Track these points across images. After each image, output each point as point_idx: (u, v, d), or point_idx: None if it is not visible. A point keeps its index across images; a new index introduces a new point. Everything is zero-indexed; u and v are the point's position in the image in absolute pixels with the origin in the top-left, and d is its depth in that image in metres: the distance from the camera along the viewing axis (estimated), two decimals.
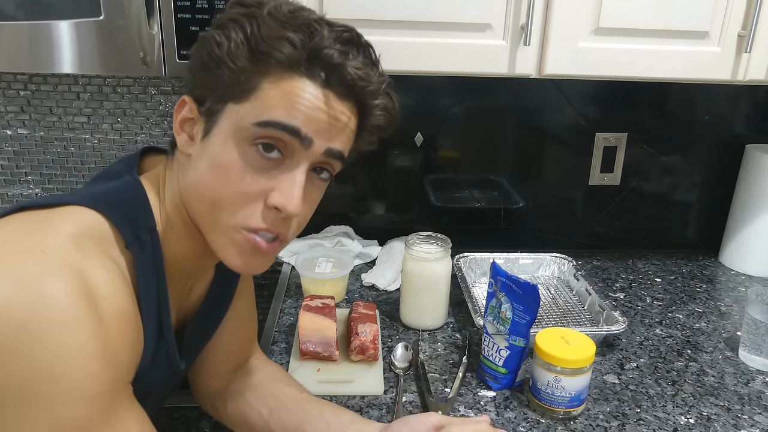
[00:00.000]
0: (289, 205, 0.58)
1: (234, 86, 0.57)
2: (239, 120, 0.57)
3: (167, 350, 0.64)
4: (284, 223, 0.61)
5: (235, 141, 0.58)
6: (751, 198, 1.34)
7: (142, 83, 1.28)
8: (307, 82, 0.57)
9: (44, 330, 0.47)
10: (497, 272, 0.92)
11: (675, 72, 1.04)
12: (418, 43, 0.99)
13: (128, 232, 0.58)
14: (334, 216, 1.43)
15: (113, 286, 0.53)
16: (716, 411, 0.90)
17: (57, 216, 0.55)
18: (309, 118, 0.57)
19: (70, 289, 0.49)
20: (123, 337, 0.54)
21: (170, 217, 0.63)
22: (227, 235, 0.60)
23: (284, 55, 0.56)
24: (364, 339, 0.95)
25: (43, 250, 0.50)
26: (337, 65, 0.57)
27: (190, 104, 0.61)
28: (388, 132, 0.66)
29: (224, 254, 0.61)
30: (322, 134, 0.59)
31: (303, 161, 0.59)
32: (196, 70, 0.61)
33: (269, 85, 0.57)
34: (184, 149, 0.61)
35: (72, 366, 0.48)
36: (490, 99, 1.36)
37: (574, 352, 0.85)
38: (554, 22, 0.99)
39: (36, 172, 1.34)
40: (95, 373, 0.50)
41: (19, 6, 0.87)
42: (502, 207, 1.45)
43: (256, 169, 0.58)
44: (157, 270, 0.61)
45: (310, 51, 0.56)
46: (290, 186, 0.58)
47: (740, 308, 1.22)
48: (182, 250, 0.65)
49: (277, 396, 0.77)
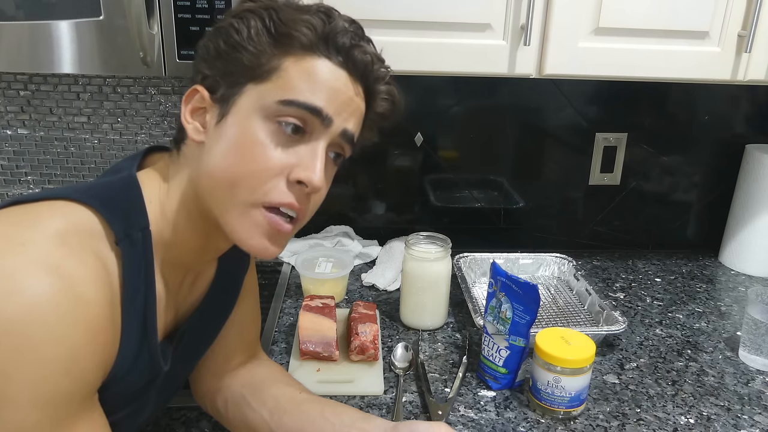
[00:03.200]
0: (315, 177, 0.59)
1: (254, 68, 0.59)
2: (261, 98, 0.59)
3: (150, 351, 0.62)
4: (306, 198, 0.61)
5: (257, 118, 0.59)
6: (751, 198, 1.34)
7: (142, 83, 1.28)
8: (327, 62, 0.60)
9: (7, 328, 0.46)
10: (497, 272, 0.92)
11: (675, 72, 1.04)
12: (418, 43, 0.99)
13: (119, 229, 0.57)
14: (334, 216, 1.43)
15: (94, 285, 0.52)
16: (716, 411, 0.90)
17: (45, 209, 0.54)
18: (330, 98, 0.60)
19: (43, 287, 0.47)
20: (93, 342, 0.51)
21: (172, 211, 0.63)
22: (245, 214, 0.59)
23: (305, 37, 0.58)
24: (364, 339, 0.95)
25: (23, 244, 0.49)
26: (353, 47, 0.60)
27: (202, 92, 0.61)
28: (390, 121, 0.68)
29: (240, 235, 0.60)
30: (340, 114, 0.61)
31: (322, 139, 0.61)
32: (208, 59, 0.61)
33: (291, 65, 0.59)
34: (195, 137, 0.61)
35: (27, 368, 0.47)
36: (490, 99, 1.36)
37: (574, 352, 0.85)
38: (554, 22, 0.99)
39: (36, 172, 1.34)
40: (51, 380, 0.48)
41: (19, 6, 0.87)
42: (502, 207, 1.45)
43: (278, 144, 0.59)
44: (146, 269, 0.60)
45: (329, 33, 0.59)
46: (313, 159, 0.60)
47: (740, 308, 1.22)
48: (182, 243, 0.64)
49: (278, 397, 0.77)
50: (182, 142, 0.64)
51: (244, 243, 0.61)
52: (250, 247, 0.61)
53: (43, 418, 0.49)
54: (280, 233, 0.61)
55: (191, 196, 0.63)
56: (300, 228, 0.65)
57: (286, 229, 0.61)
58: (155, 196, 0.63)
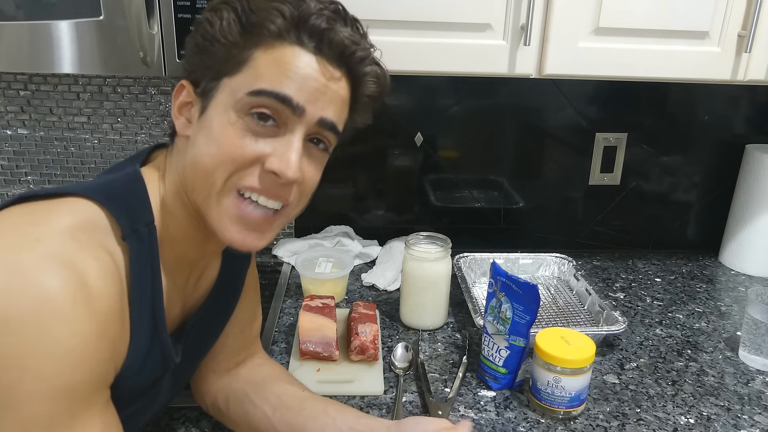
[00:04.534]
0: (288, 169, 0.58)
1: (227, 60, 0.58)
2: (234, 92, 0.58)
3: (161, 345, 0.63)
4: (284, 189, 0.61)
5: (232, 111, 0.58)
6: (751, 198, 1.34)
7: (142, 83, 1.28)
8: (297, 49, 0.58)
9: (22, 320, 0.47)
10: (497, 272, 0.92)
11: (675, 72, 1.04)
12: (418, 43, 0.99)
13: (126, 224, 0.58)
14: (334, 216, 1.43)
15: (104, 279, 0.53)
16: (716, 411, 0.90)
17: (56, 206, 0.55)
18: (300, 86, 0.58)
19: (57, 281, 0.49)
20: (105, 334, 0.52)
21: (171, 205, 0.63)
22: (219, 203, 0.60)
23: (274, 25, 0.57)
24: (364, 339, 0.95)
25: (37, 239, 0.50)
26: (325, 30, 0.58)
27: (188, 88, 0.62)
28: (380, 102, 0.66)
29: (220, 228, 0.61)
30: (314, 102, 0.59)
31: (297, 129, 0.59)
32: (191, 55, 0.62)
33: (260, 55, 0.58)
34: (182, 132, 0.62)
35: (41, 361, 0.48)
36: (490, 99, 1.36)
37: (574, 352, 0.85)
38: (554, 22, 0.99)
39: (36, 172, 1.34)
40: (65, 372, 0.49)
41: (19, 6, 0.87)
42: (502, 207, 1.45)
43: (253, 135, 0.58)
44: (152, 264, 0.60)
45: (299, 19, 0.57)
46: (286, 150, 0.59)
47: (740, 308, 1.22)
48: (184, 237, 0.65)
49: (280, 395, 0.77)
50: (175, 136, 0.65)
51: (222, 234, 0.61)
52: (228, 239, 0.61)
53: (58, 410, 0.49)
54: (254, 222, 0.60)
55: (182, 189, 0.63)
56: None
57: (256, 216, 0.60)
58: (156, 191, 0.63)
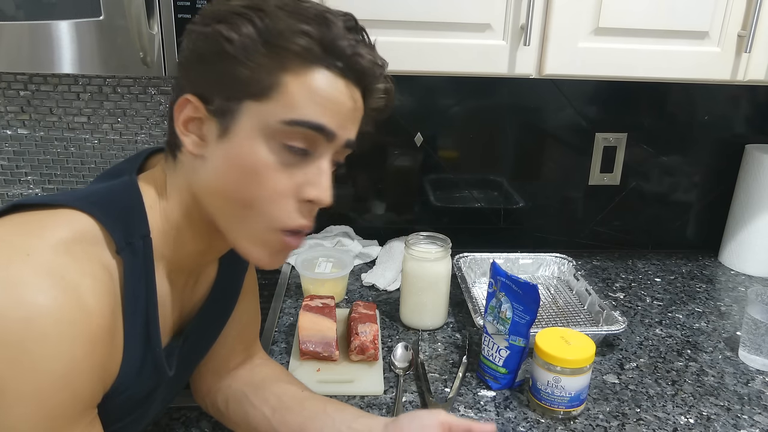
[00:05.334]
0: (325, 196, 0.59)
1: (250, 83, 0.56)
2: (264, 118, 0.56)
3: (154, 359, 0.62)
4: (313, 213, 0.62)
5: (261, 139, 0.57)
6: (751, 198, 1.34)
7: (142, 83, 1.28)
8: (326, 73, 0.57)
9: (4, 340, 0.45)
10: (497, 272, 0.92)
11: (675, 72, 1.04)
12: (418, 43, 0.99)
13: (120, 237, 0.56)
14: (334, 216, 1.43)
15: (98, 296, 0.52)
16: (716, 411, 0.90)
17: (50, 219, 0.54)
18: (333, 114, 0.58)
19: (44, 299, 0.47)
20: (92, 355, 0.51)
21: (172, 218, 0.62)
22: (259, 236, 0.60)
23: (302, 48, 0.55)
24: (364, 339, 0.95)
25: (28, 254, 0.49)
26: (352, 55, 0.58)
27: (195, 103, 0.58)
28: (385, 114, 0.67)
29: (250, 253, 0.61)
30: (344, 127, 0.60)
31: (326, 153, 0.60)
32: (194, 66, 0.58)
33: (291, 80, 0.56)
34: (194, 150, 0.59)
35: (23, 381, 0.46)
36: (490, 99, 1.36)
37: (574, 352, 0.85)
38: (554, 22, 0.99)
39: (36, 172, 1.34)
40: (47, 394, 0.48)
41: (19, 6, 0.87)
42: (502, 207, 1.45)
43: (285, 165, 0.58)
44: (147, 277, 0.59)
45: (328, 43, 0.56)
46: (320, 177, 0.59)
47: (740, 308, 1.22)
48: (185, 249, 0.64)
49: (280, 395, 0.77)
50: (178, 149, 0.62)
51: (253, 258, 0.62)
52: (258, 262, 0.62)
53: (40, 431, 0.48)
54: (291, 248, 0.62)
55: (191, 204, 0.62)
56: None
57: (295, 244, 0.62)
58: (155, 201, 0.62)
